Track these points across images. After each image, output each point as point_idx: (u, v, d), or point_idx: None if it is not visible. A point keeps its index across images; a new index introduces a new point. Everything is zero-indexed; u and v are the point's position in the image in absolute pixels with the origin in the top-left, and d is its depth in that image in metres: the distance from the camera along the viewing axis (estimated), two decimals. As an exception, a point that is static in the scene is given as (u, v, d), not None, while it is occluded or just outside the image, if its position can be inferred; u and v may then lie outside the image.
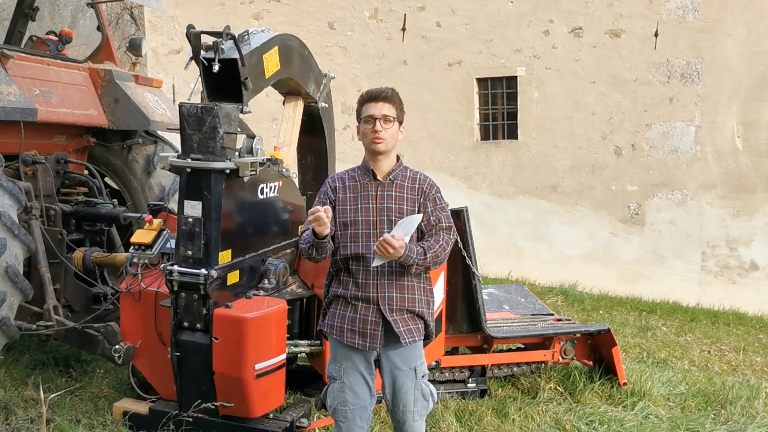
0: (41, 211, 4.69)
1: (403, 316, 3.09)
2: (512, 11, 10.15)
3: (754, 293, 9.21)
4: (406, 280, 3.08)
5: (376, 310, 3.06)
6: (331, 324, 3.16)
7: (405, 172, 3.18)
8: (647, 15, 9.54)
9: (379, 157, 3.12)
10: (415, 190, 3.14)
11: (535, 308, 5.72)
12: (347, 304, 3.12)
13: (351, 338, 3.10)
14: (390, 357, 3.12)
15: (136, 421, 4.03)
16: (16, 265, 4.18)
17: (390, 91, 3.13)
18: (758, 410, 4.82)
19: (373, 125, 3.07)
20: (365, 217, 3.09)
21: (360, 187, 3.14)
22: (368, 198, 3.12)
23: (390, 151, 3.14)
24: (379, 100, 3.09)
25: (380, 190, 3.12)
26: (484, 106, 10.54)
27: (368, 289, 3.07)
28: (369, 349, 3.09)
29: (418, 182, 3.16)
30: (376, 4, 10.77)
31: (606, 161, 9.89)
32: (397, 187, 3.13)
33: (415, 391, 3.14)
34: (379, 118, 3.07)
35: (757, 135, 9.23)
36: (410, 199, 3.12)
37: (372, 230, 3.07)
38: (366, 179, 3.15)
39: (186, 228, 3.71)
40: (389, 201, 3.11)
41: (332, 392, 3.17)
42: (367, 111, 3.10)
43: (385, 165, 3.15)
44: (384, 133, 3.07)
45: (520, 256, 10.22)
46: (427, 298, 3.17)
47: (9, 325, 4.19)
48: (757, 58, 9.13)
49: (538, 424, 4.40)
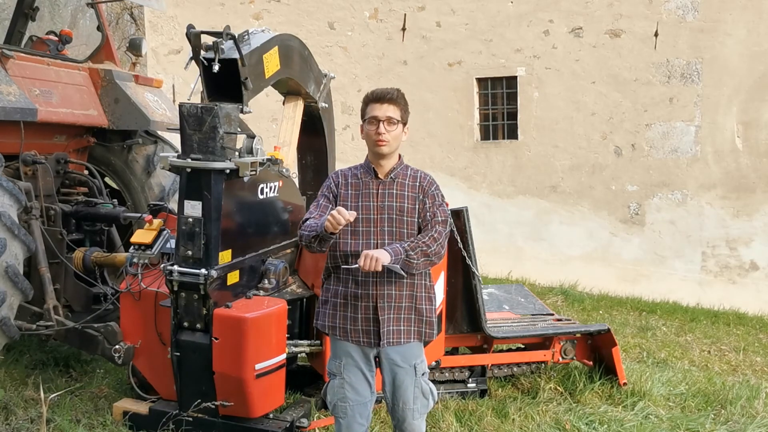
0: (41, 211, 4.69)
1: (399, 315, 3.09)
2: (512, 11, 10.15)
3: (754, 293, 9.21)
4: (405, 279, 3.09)
5: (374, 308, 3.07)
6: (332, 325, 3.16)
7: (406, 171, 3.19)
8: (647, 15, 9.54)
9: (381, 158, 3.14)
10: (415, 188, 3.15)
11: (535, 308, 5.72)
12: (346, 302, 3.12)
13: (353, 336, 3.11)
14: (389, 354, 3.12)
15: (136, 421, 4.03)
16: (16, 265, 4.18)
17: (395, 93, 3.12)
18: (758, 410, 4.82)
19: (377, 127, 3.07)
20: (365, 215, 3.10)
21: (361, 185, 3.15)
22: (369, 196, 3.13)
23: (393, 152, 3.15)
24: (384, 102, 3.09)
25: (381, 189, 3.14)
26: (484, 106, 10.54)
27: (368, 286, 3.08)
28: (369, 346, 3.10)
29: (419, 180, 3.17)
30: (376, 4, 10.77)
31: (606, 161, 9.89)
32: (398, 186, 3.14)
33: (414, 389, 3.15)
34: (383, 120, 3.07)
35: (757, 135, 9.23)
36: (411, 197, 3.13)
37: (372, 228, 3.09)
38: (368, 177, 3.16)
39: (186, 228, 3.71)
40: (390, 199, 3.12)
41: (332, 388, 3.18)
42: (372, 112, 3.10)
43: (387, 165, 3.16)
44: (387, 136, 3.07)
45: (520, 256, 10.22)
46: (428, 295, 3.18)
47: (9, 325, 4.19)
48: (757, 58, 9.13)
49: (538, 424, 4.40)
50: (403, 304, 3.10)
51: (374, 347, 3.11)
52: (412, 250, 3.01)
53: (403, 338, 3.10)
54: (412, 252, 3.01)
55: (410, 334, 3.12)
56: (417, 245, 3.03)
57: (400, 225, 3.09)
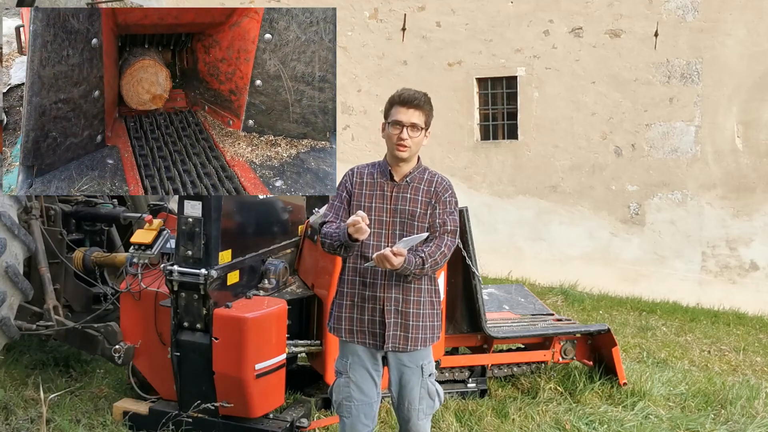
0: (41, 211, 4.69)
1: (406, 321, 3.07)
2: (512, 11, 10.15)
3: (754, 293, 9.20)
4: (413, 283, 3.08)
5: (381, 311, 3.06)
6: (338, 327, 3.16)
7: (423, 174, 3.15)
8: (647, 15, 9.54)
9: (400, 161, 3.10)
10: (429, 193, 3.12)
11: (535, 308, 5.71)
12: (353, 303, 3.11)
13: (359, 338, 3.11)
14: (397, 354, 3.11)
15: (136, 421, 4.03)
16: (16, 265, 4.18)
17: (422, 98, 3.07)
18: (758, 410, 4.82)
19: (400, 132, 3.02)
20: (378, 217, 3.09)
21: (376, 186, 3.12)
22: (383, 198, 3.11)
23: (412, 156, 3.11)
24: (411, 107, 3.04)
25: (395, 192, 3.11)
26: (484, 106, 10.55)
27: (375, 288, 3.07)
28: (376, 348, 3.10)
29: (434, 184, 3.14)
30: (376, 4, 10.77)
31: (606, 161, 9.90)
32: (413, 190, 3.11)
33: (420, 389, 3.13)
34: (407, 125, 3.03)
35: (757, 135, 9.23)
36: (423, 202, 3.10)
37: (383, 230, 3.08)
38: (383, 179, 3.13)
39: (186, 228, 3.71)
40: (402, 203, 3.09)
41: (338, 387, 3.17)
42: (396, 115, 3.04)
43: (404, 168, 3.13)
44: (409, 141, 3.03)
45: (520, 256, 10.22)
46: (433, 300, 3.16)
47: (9, 325, 4.19)
48: (757, 58, 9.13)
49: (538, 424, 4.40)
50: (410, 310, 3.08)
51: (380, 349, 3.11)
52: (424, 263, 3.00)
53: (410, 345, 3.08)
54: (424, 266, 3.00)
55: (417, 341, 3.09)
56: (433, 257, 3.02)
57: (411, 229, 3.07)
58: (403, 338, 3.08)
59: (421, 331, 3.10)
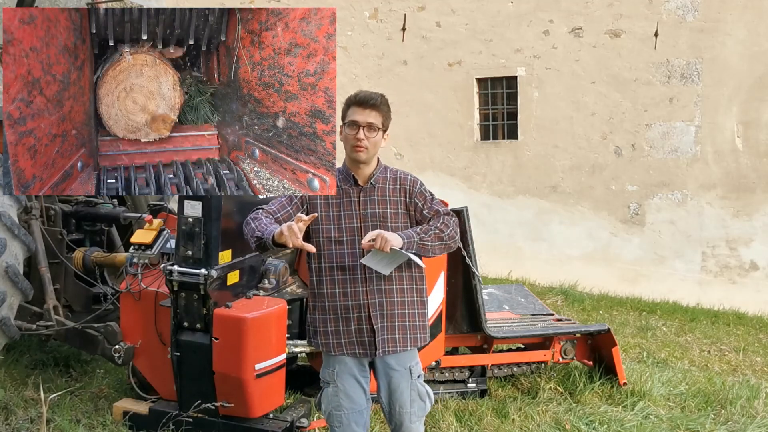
0: (41, 211, 4.69)
1: (393, 323, 3.02)
2: (512, 11, 10.15)
3: (754, 293, 9.21)
4: (395, 285, 3.02)
5: (368, 317, 3.00)
6: (325, 342, 3.07)
7: (386, 174, 3.10)
8: (647, 15, 9.54)
9: (359, 164, 3.04)
10: (396, 191, 3.07)
11: (535, 308, 5.71)
12: (337, 317, 3.03)
13: (348, 349, 3.04)
14: (384, 358, 3.06)
15: (136, 421, 4.03)
16: (16, 265, 4.18)
17: (379, 98, 3.02)
18: (758, 410, 4.82)
19: (357, 132, 2.96)
20: (349, 225, 3.02)
21: (342, 193, 3.05)
22: (350, 204, 3.04)
23: (371, 158, 3.04)
24: (367, 107, 2.98)
25: (362, 196, 3.04)
26: (484, 106, 10.55)
27: (358, 296, 3.00)
28: (365, 356, 3.05)
29: (399, 182, 3.09)
30: (376, 4, 10.77)
31: (606, 161, 9.90)
32: (379, 191, 3.05)
33: (411, 392, 3.09)
34: (363, 125, 2.97)
35: (757, 135, 9.23)
36: (393, 202, 3.06)
37: (357, 237, 2.99)
38: (347, 185, 3.06)
39: (186, 228, 3.71)
40: (372, 206, 3.03)
41: (326, 397, 3.10)
42: (353, 116, 3.00)
43: (366, 170, 3.06)
44: (366, 142, 2.96)
45: (520, 256, 10.22)
46: (420, 299, 3.10)
47: (9, 325, 4.19)
48: (757, 58, 9.13)
49: (538, 424, 4.40)
50: (395, 312, 3.03)
51: (370, 357, 3.05)
52: (425, 233, 2.95)
53: (399, 346, 3.04)
54: (425, 235, 2.95)
55: (406, 342, 3.05)
56: (429, 229, 2.98)
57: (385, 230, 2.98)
58: (392, 340, 3.02)
59: (409, 330, 3.06)
